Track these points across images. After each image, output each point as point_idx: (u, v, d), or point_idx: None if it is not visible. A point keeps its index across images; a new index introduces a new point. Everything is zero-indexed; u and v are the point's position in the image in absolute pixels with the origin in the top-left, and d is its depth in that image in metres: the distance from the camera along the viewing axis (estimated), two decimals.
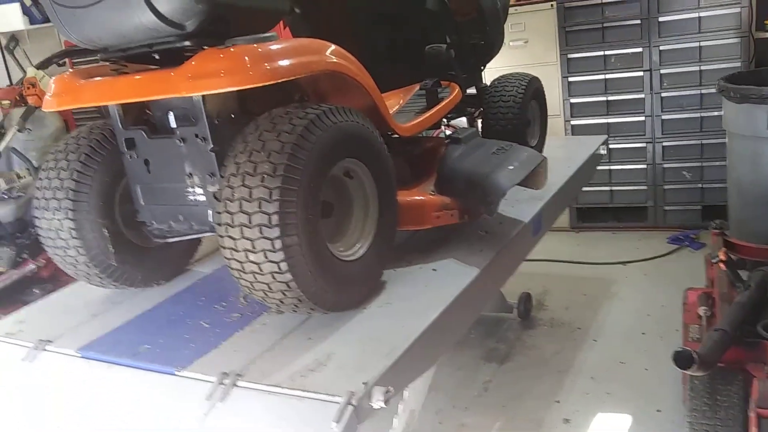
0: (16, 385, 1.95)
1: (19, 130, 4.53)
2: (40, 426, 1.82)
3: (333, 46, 1.99)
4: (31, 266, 4.11)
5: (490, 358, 3.63)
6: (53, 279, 4.09)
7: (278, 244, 1.71)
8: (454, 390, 3.32)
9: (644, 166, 5.10)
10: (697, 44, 4.69)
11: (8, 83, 5.74)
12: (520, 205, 2.73)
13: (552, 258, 4.65)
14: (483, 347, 3.73)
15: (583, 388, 3.27)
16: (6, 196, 4.32)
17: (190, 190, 2.05)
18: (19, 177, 4.54)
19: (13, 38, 6.30)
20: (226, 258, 1.81)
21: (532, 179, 2.48)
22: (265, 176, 1.71)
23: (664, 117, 4.93)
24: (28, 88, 4.64)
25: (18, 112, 4.69)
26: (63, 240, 2.13)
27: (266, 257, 1.73)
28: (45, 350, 2.02)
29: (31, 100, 4.63)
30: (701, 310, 2.91)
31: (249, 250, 1.73)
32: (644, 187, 5.13)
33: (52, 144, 4.53)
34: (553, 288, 4.35)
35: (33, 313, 2.35)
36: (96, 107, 2.26)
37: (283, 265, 1.73)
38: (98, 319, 2.19)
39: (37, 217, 2.16)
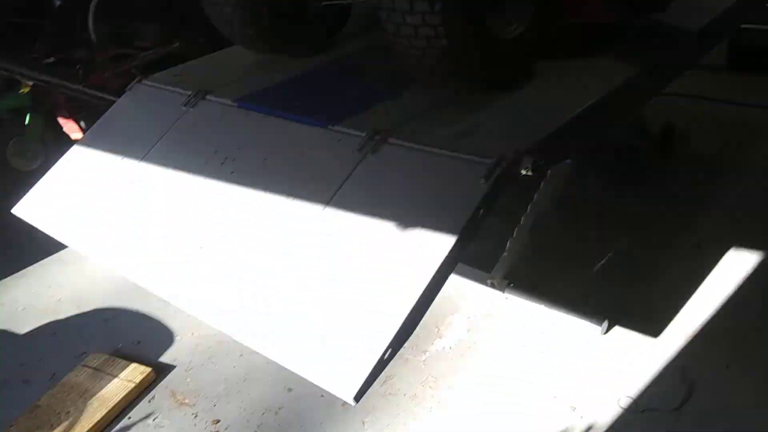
0: (177, 127, 2.07)
1: None
2: (198, 164, 1.93)
3: None
4: (176, 44, 4.22)
5: (619, 183, 3.49)
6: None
7: (438, 5, 1.65)
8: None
9: None
10: None
11: None
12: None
13: (703, 95, 4.23)
14: (614, 172, 3.58)
15: (718, 219, 3.12)
16: None
17: None
18: None
19: None
20: (381, 21, 1.77)
21: None
22: None
23: None
24: None
25: None
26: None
27: (424, 20, 1.68)
28: (204, 98, 2.12)
29: None
30: None
31: (407, 12, 1.69)
32: None
33: None
34: (700, 126, 3.97)
35: (188, 69, 2.46)
36: None
37: (440, 30, 1.68)
38: (252, 78, 2.26)
39: None
